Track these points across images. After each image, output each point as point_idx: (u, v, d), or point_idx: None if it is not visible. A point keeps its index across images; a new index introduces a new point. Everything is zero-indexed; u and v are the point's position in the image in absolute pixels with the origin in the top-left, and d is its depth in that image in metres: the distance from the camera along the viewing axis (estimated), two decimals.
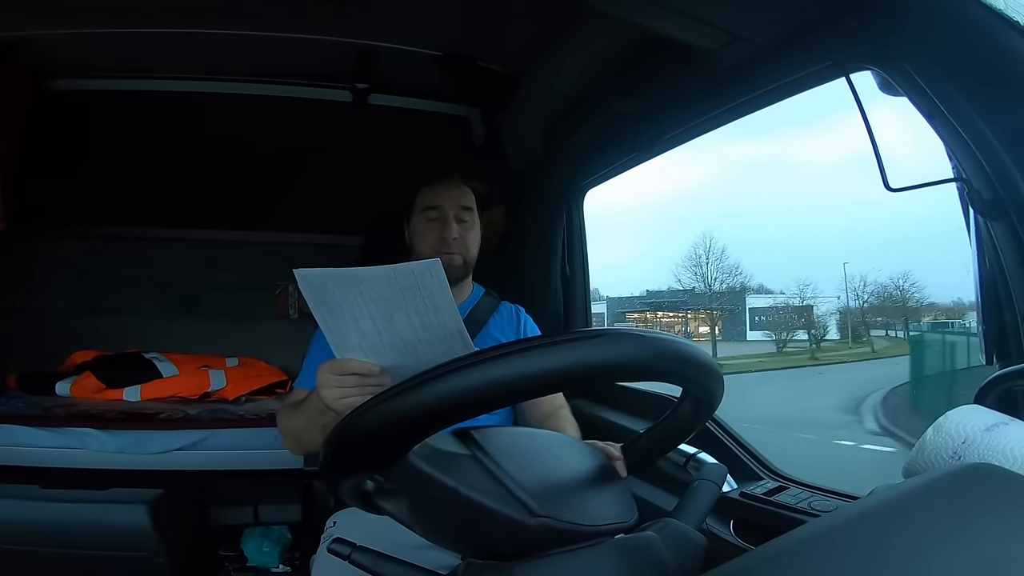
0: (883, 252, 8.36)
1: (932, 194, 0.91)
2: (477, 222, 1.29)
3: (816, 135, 10.99)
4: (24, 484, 1.61)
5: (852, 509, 0.50)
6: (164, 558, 1.65)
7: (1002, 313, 0.87)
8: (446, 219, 1.23)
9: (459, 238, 1.23)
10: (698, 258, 4.59)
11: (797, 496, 1.04)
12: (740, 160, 11.83)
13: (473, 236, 1.27)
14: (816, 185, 11.24)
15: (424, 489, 0.54)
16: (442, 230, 1.22)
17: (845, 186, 11.74)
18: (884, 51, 0.90)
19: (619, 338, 0.52)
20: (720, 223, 11.57)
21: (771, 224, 10.59)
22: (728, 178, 13.09)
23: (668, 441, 0.72)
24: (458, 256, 1.23)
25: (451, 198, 1.25)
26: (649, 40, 1.35)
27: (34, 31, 1.70)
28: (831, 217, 10.14)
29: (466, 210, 1.26)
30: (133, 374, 2.10)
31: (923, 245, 7.37)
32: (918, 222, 7.36)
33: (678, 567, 0.55)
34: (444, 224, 1.23)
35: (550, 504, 0.53)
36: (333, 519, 1.15)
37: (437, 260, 0.76)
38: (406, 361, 0.81)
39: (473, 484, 0.53)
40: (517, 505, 0.52)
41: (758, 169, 11.97)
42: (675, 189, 9.02)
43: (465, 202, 1.26)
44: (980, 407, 0.71)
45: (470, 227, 1.26)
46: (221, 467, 1.76)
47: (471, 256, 1.27)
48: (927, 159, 0.92)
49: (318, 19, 1.64)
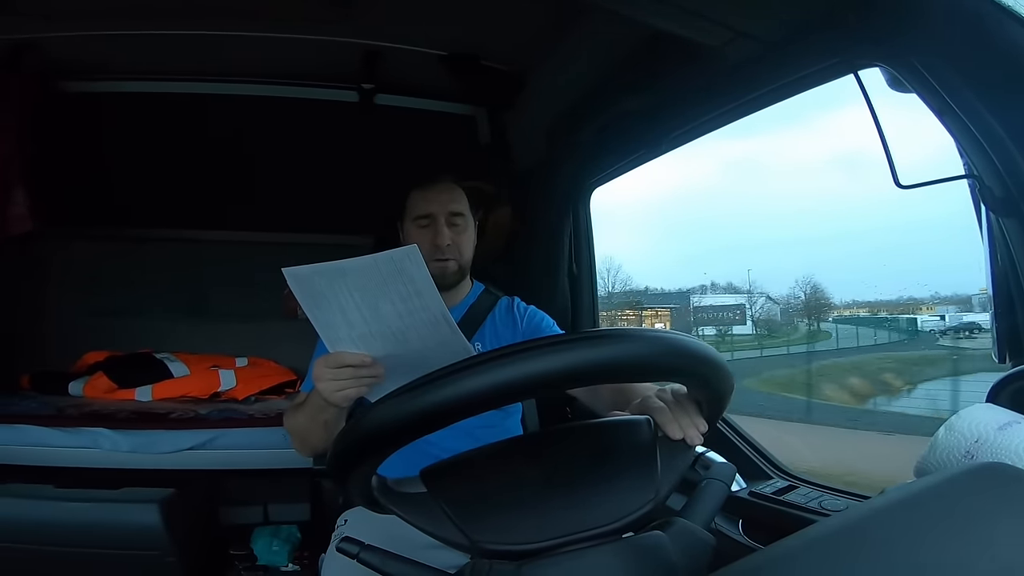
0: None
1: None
2: (471, 223, 1.28)
3: (794, 135, 10.86)
4: (37, 483, 1.63)
5: (863, 508, 0.50)
6: (175, 557, 1.66)
7: (1015, 311, 0.86)
8: (438, 226, 1.23)
9: (452, 244, 1.23)
10: (606, 272, 5.03)
11: (807, 495, 1.04)
12: (722, 161, 11.76)
13: (467, 239, 1.26)
14: (788, 187, 11.15)
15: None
16: (434, 237, 1.22)
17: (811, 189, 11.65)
18: (893, 48, 0.90)
19: (627, 337, 0.52)
20: (684, 227, 11.52)
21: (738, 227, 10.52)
22: (706, 180, 12.98)
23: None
24: (452, 262, 1.23)
25: (441, 203, 1.24)
26: (654, 38, 1.34)
27: (44, 33, 1.71)
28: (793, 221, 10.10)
29: (457, 215, 1.25)
30: (144, 374, 2.12)
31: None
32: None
33: (686, 566, 0.55)
34: (436, 231, 1.22)
35: (484, 530, 0.56)
36: (343, 518, 1.16)
37: (415, 246, 0.77)
38: (397, 349, 0.83)
39: (423, 518, 0.58)
40: (458, 533, 0.56)
41: (735, 170, 11.89)
42: (645, 192, 8.90)
43: (455, 207, 1.25)
44: (993, 406, 0.71)
45: (463, 230, 1.25)
46: (231, 466, 1.77)
47: (466, 259, 1.26)
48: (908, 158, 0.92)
49: (324, 20, 1.65)
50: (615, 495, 0.59)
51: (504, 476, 0.62)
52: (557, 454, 0.63)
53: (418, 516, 0.58)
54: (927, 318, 4.36)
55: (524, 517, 0.57)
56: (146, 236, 2.43)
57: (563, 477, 0.60)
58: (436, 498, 0.59)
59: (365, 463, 0.56)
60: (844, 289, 5.91)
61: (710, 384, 0.60)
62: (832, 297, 5.00)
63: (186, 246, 2.47)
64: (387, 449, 0.55)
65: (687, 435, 0.63)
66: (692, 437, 0.63)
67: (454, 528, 0.57)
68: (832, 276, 6.65)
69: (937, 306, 4.06)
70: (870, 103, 0.96)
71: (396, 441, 0.54)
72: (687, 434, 0.63)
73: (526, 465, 0.62)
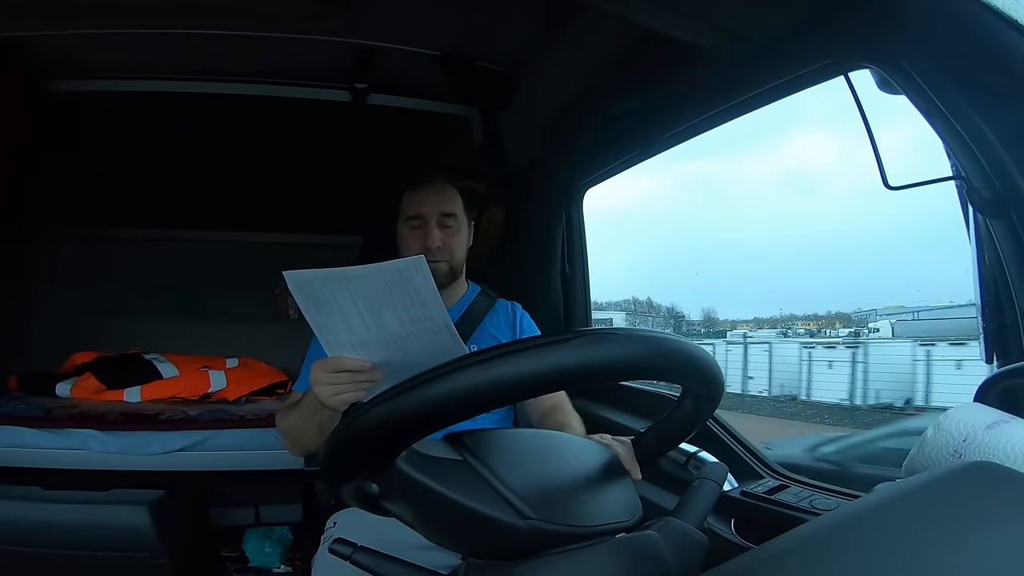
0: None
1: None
2: (463, 224, 1.27)
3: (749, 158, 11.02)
4: (25, 485, 1.61)
5: (853, 508, 0.50)
6: (165, 559, 1.65)
7: (1002, 311, 0.87)
8: (428, 227, 1.23)
9: (442, 245, 1.22)
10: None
11: (798, 495, 1.05)
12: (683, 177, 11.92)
13: (458, 240, 1.26)
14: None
15: (416, 494, 0.54)
16: (424, 239, 1.22)
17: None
18: (883, 49, 0.90)
19: (618, 338, 0.52)
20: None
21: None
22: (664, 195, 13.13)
23: (670, 440, 0.73)
24: (443, 263, 1.23)
25: (432, 204, 1.24)
26: (647, 39, 1.35)
27: (29, 32, 1.69)
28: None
29: (448, 216, 1.25)
30: (133, 375, 2.09)
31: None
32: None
33: (679, 566, 0.55)
34: (426, 233, 1.22)
35: (542, 507, 0.53)
36: (333, 519, 1.15)
37: (422, 257, 0.77)
38: (396, 356, 0.83)
39: (463, 488, 0.53)
40: (508, 508, 0.53)
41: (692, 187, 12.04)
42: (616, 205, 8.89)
43: (447, 208, 1.25)
44: (981, 405, 0.71)
45: (454, 231, 1.25)
46: (222, 468, 1.76)
47: (457, 260, 1.26)
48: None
49: (316, 19, 1.64)
50: (621, 497, 0.60)
51: (540, 458, 0.60)
52: (567, 451, 0.64)
53: (456, 485, 0.53)
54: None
55: (574, 500, 0.57)
56: (135, 236, 2.41)
57: (583, 471, 0.61)
58: (477, 466, 0.55)
59: (359, 464, 0.56)
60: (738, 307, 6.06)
61: (702, 383, 0.61)
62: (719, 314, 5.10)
63: (175, 246, 2.45)
64: (383, 450, 0.55)
65: (632, 471, 0.72)
66: (635, 474, 0.73)
67: (502, 501, 0.53)
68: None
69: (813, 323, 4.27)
70: (860, 105, 0.97)
71: (394, 442, 0.54)
72: (632, 471, 0.72)
73: (549, 453, 0.62)
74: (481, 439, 0.58)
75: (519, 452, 0.60)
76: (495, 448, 0.58)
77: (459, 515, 0.53)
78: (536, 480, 0.56)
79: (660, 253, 11.35)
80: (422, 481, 0.53)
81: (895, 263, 5.58)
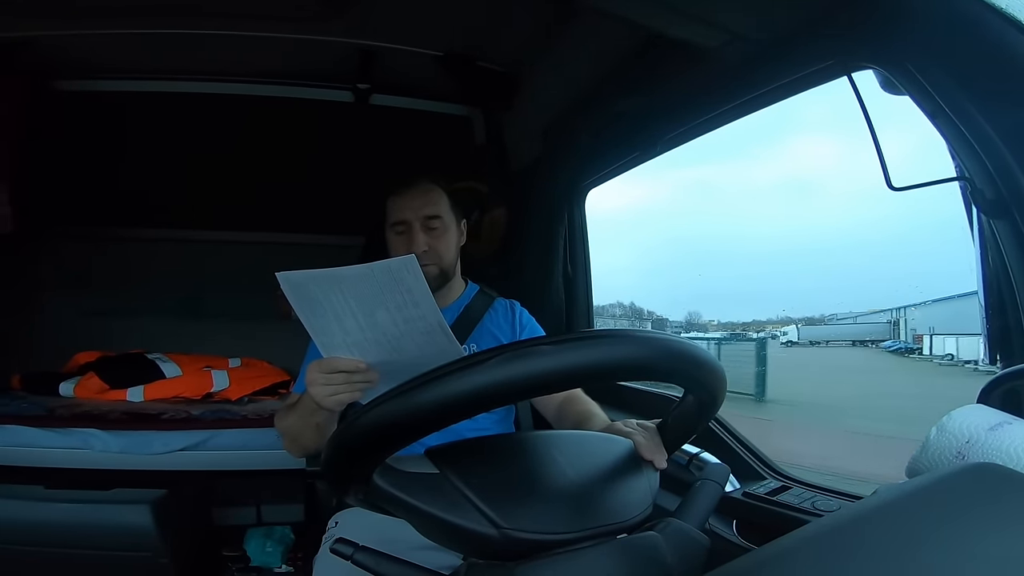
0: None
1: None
2: (451, 225, 1.26)
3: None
4: (28, 484, 1.61)
5: (855, 509, 0.50)
6: (167, 558, 1.65)
7: (1005, 313, 0.87)
8: (412, 232, 1.21)
9: (429, 249, 1.21)
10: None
11: (800, 496, 1.04)
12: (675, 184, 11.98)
13: (446, 241, 1.24)
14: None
15: (394, 506, 0.56)
16: (409, 244, 1.20)
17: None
18: (886, 50, 0.90)
19: (621, 339, 0.52)
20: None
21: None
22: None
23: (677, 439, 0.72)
24: (433, 267, 1.21)
25: (415, 209, 1.22)
26: (650, 39, 1.34)
27: (37, 32, 1.70)
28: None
29: (433, 218, 1.22)
30: (136, 374, 2.10)
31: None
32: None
33: (681, 567, 0.55)
34: (411, 238, 1.20)
35: (516, 516, 0.54)
36: (335, 519, 1.15)
37: (413, 256, 0.77)
38: (391, 356, 0.83)
39: (436, 502, 0.55)
40: (481, 519, 0.54)
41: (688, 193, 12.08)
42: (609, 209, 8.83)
43: (430, 210, 1.23)
44: (984, 407, 0.71)
45: (440, 233, 1.23)
46: (224, 467, 1.76)
47: (447, 262, 1.24)
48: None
49: (320, 20, 1.64)
50: (617, 497, 0.60)
51: (523, 464, 0.60)
52: (559, 453, 0.63)
53: (430, 499, 0.54)
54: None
55: (553, 507, 0.56)
56: (139, 236, 2.42)
57: (573, 474, 0.60)
58: (453, 479, 0.55)
59: (360, 465, 0.56)
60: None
61: (703, 385, 0.61)
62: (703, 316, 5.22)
63: (179, 246, 2.46)
64: (383, 450, 0.55)
65: (655, 459, 0.69)
66: (659, 461, 0.69)
67: (476, 512, 0.54)
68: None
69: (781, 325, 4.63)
70: (863, 105, 0.96)
71: (392, 442, 0.54)
72: (655, 459, 0.69)
73: (537, 458, 0.62)
74: (462, 451, 0.59)
75: (501, 461, 0.60)
76: (475, 459, 0.59)
77: (435, 526, 0.55)
78: (514, 489, 0.57)
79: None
80: (396, 495, 0.55)
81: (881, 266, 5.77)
